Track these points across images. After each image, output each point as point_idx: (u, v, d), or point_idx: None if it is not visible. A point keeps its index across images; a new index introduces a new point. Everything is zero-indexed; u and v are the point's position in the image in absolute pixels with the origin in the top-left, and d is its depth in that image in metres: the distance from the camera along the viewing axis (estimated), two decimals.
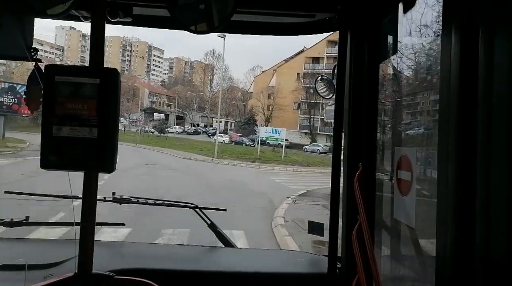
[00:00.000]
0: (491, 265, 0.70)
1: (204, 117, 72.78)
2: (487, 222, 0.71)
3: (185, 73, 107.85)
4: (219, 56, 71.70)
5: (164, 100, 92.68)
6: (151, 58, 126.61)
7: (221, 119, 70.65)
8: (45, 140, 1.05)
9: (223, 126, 67.86)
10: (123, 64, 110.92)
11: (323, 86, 1.66)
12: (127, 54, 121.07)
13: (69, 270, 1.13)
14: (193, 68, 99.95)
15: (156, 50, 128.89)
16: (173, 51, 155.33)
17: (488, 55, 0.71)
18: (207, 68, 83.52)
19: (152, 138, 43.92)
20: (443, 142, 0.83)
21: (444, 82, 0.83)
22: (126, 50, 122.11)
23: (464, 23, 0.78)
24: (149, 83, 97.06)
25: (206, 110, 72.59)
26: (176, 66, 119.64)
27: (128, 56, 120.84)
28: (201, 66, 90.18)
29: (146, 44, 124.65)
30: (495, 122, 0.70)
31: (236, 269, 1.67)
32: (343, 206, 1.54)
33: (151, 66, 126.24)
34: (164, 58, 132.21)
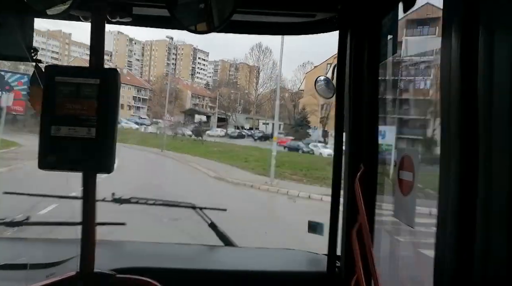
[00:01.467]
0: (491, 265, 0.70)
1: (250, 119, 64.58)
2: (487, 222, 0.71)
3: (230, 75, 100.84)
4: (266, 50, 62.84)
5: (207, 102, 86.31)
6: (196, 61, 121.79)
7: (268, 121, 62.29)
8: (43, 141, 1.06)
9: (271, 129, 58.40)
10: (168, 67, 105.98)
11: (323, 86, 1.64)
12: (172, 57, 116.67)
13: (71, 269, 1.14)
14: (238, 70, 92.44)
15: (201, 53, 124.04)
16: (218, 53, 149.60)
17: (488, 55, 0.71)
18: (252, 69, 75.54)
19: (185, 142, 35.49)
20: (444, 142, 0.83)
21: (444, 82, 0.82)
22: (171, 53, 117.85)
23: (464, 23, 0.78)
24: (192, 86, 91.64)
25: (251, 113, 68.45)
26: (221, 68, 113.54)
27: (174, 59, 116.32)
28: (247, 68, 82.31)
29: (191, 47, 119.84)
30: (496, 122, 0.70)
31: (236, 268, 1.71)
32: (344, 206, 1.54)
33: (196, 69, 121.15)
34: (209, 61, 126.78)
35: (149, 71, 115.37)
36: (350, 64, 1.49)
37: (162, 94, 59.07)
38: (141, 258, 1.73)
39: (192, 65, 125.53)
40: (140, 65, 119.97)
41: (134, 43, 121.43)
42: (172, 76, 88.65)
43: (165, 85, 70.77)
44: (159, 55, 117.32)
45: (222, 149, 29.31)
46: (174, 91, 74.63)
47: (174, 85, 76.49)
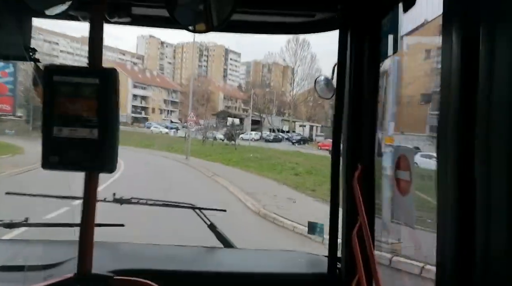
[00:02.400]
0: (491, 265, 0.70)
1: (285, 121, 59.48)
2: (487, 222, 0.71)
3: (263, 77, 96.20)
4: (303, 43, 57.32)
5: (240, 104, 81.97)
6: (228, 62, 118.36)
7: (305, 123, 56.83)
8: (46, 141, 1.06)
9: (308, 132, 52.50)
10: (200, 70, 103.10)
11: (323, 86, 1.64)
12: (204, 59, 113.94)
13: (69, 271, 1.13)
14: (271, 71, 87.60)
15: (233, 54, 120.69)
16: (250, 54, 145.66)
17: (489, 54, 0.71)
18: (285, 70, 70.75)
19: (216, 147, 30.38)
20: (442, 141, 0.83)
21: (444, 82, 0.83)
22: (202, 55, 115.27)
23: (464, 22, 0.78)
24: (224, 87, 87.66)
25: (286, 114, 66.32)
26: (253, 69, 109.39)
27: (205, 61, 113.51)
28: (279, 68, 77.38)
29: (222, 48, 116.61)
30: (496, 122, 0.69)
31: (236, 270, 1.69)
32: (343, 206, 1.55)
33: (228, 70, 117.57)
34: (241, 62, 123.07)
35: (180, 74, 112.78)
36: (350, 63, 1.50)
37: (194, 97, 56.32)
38: (139, 260, 1.73)
39: (224, 67, 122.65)
40: (172, 68, 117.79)
41: (166, 46, 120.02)
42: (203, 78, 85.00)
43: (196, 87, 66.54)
44: (191, 57, 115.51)
45: (259, 155, 24.02)
46: (206, 93, 71.53)
47: (206, 87, 72.88)
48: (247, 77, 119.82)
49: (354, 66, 1.48)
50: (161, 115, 75.84)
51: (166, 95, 76.09)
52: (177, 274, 1.58)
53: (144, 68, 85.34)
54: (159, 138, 40.77)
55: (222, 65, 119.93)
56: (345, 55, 1.49)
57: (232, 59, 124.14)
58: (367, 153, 1.48)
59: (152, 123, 59.91)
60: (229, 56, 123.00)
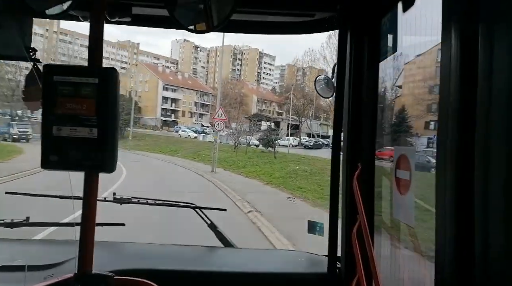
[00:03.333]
0: (491, 264, 0.71)
1: (324, 126, 53.00)
2: (486, 222, 0.72)
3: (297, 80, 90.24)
4: None
5: (274, 108, 76.20)
6: (262, 66, 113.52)
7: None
8: (45, 141, 1.06)
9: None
10: (233, 73, 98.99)
11: (323, 86, 1.66)
12: (238, 63, 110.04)
13: (69, 270, 1.12)
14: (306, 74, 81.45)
15: (267, 57, 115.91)
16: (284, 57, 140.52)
17: (488, 54, 0.72)
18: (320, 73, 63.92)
19: (251, 155, 24.12)
20: (442, 141, 0.84)
21: (444, 82, 0.84)
22: (236, 59, 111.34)
23: (464, 22, 0.79)
24: (258, 90, 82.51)
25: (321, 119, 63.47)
26: (288, 73, 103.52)
27: (239, 65, 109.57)
28: (315, 71, 70.59)
29: (257, 51, 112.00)
30: (495, 122, 0.71)
31: (236, 269, 1.69)
32: (343, 206, 1.56)
33: (261, 74, 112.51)
34: (276, 66, 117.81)
35: (213, 78, 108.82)
36: (350, 63, 1.50)
37: (226, 100, 55.68)
38: (140, 260, 1.72)
39: (258, 70, 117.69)
40: (206, 72, 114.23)
41: (200, 50, 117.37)
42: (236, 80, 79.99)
43: (229, 90, 60.87)
44: (224, 61, 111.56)
45: (307, 167, 17.55)
46: (239, 95, 66.51)
47: (239, 90, 67.78)
48: (281, 80, 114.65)
49: (354, 66, 1.49)
50: (192, 118, 71.89)
51: (197, 98, 71.74)
52: (177, 274, 1.59)
53: (176, 71, 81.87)
54: (187, 143, 35.71)
55: (256, 69, 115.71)
56: (345, 55, 1.51)
57: (266, 62, 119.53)
58: (367, 152, 1.48)
59: (180, 127, 55.50)
60: (263, 59, 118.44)
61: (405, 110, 1.58)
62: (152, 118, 62.47)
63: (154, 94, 65.38)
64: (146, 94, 65.44)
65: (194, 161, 25.07)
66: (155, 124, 59.26)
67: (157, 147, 35.63)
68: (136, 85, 67.51)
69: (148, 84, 66.71)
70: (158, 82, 66.24)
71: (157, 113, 64.89)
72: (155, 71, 67.86)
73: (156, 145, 37.28)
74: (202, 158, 25.01)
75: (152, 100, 64.82)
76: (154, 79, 66.34)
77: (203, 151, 27.79)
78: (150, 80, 66.57)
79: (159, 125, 59.59)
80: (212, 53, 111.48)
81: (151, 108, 64.21)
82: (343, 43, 1.49)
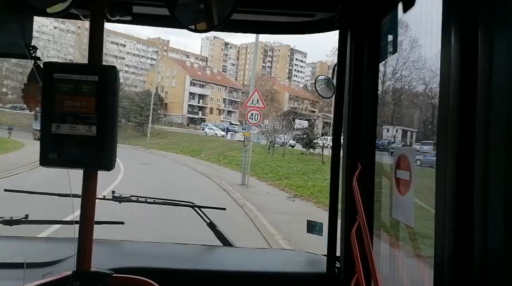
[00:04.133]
0: (490, 264, 0.72)
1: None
2: (485, 222, 0.72)
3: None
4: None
5: (307, 105, 70.53)
6: (293, 63, 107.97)
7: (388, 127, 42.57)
8: (44, 138, 1.05)
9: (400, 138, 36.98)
10: (263, 71, 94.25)
11: (323, 86, 1.65)
12: (268, 60, 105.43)
13: (68, 268, 1.13)
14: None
15: (299, 54, 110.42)
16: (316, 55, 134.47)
17: (488, 55, 0.72)
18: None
19: (289, 157, 18.43)
20: (442, 142, 0.84)
21: (444, 82, 0.84)
22: (267, 55, 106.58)
23: (464, 22, 0.80)
24: (290, 87, 76.96)
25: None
26: (319, 71, 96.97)
27: (269, 62, 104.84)
28: None
29: (288, 47, 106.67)
30: (494, 122, 0.71)
31: (235, 268, 1.69)
32: (342, 206, 1.55)
33: (293, 71, 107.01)
34: (307, 63, 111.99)
35: (243, 75, 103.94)
36: (350, 63, 1.50)
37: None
38: (139, 258, 1.72)
39: (289, 67, 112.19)
40: (235, 69, 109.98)
41: (230, 47, 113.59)
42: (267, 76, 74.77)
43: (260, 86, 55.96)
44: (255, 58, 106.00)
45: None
46: (270, 93, 61.36)
47: (270, 87, 62.38)
48: (312, 78, 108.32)
49: (354, 66, 1.49)
50: (220, 116, 67.67)
51: (226, 94, 67.16)
52: (176, 272, 1.58)
53: (205, 66, 77.89)
54: (212, 142, 30.90)
55: (287, 66, 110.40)
56: (345, 55, 1.50)
57: (298, 59, 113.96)
58: (366, 152, 1.48)
59: (207, 124, 51.08)
60: (295, 56, 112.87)
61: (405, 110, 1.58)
62: (178, 115, 58.92)
63: (181, 90, 61.90)
64: (173, 90, 62.19)
65: (218, 164, 20.17)
66: (181, 121, 55.31)
67: (179, 146, 31.06)
68: (163, 80, 63.95)
69: (175, 80, 63.28)
70: (186, 77, 62.95)
71: (184, 110, 62.38)
72: (183, 66, 64.32)
73: (178, 143, 32.85)
74: (229, 161, 20.03)
75: (179, 96, 61.36)
76: (182, 74, 62.78)
77: (230, 152, 22.86)
78: (177, 75, 63.27)
79: (185, 123, 55.62)
80: (242, 50, 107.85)
81: (178, 104, 60.91)
82: (343, 43, 1.49)
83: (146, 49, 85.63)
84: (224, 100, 69.58)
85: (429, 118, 1.54)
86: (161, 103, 51.08)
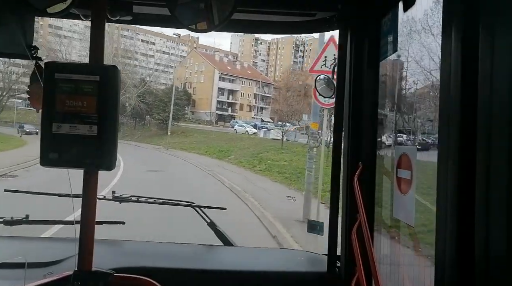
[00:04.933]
0: (491, 264, 0.71)
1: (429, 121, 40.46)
2: (486, 222, 0.72)
3: None
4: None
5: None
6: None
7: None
8: (45, 138, 1.05)
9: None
10: (295, 66, 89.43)
11: (323, 85, 1.65)
12: (300, 55, 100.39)
13: (69, 268, 1.13)
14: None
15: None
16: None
17: (488, 55, 0.72)
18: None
19: None
20: (443, 142, 0.84)
21: (444, 82, 0.84)
22: (298, 51, 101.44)
23: (464, 22, 0.79)
24: None
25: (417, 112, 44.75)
26: None
27: (301, 57, 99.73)
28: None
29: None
30: (495, 122, 0.71)
31: (235, 268, 1.67)
32: (343, 205, 1.54)
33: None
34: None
35: (274, 71, 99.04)
36: (350, 63, 1.50)
37: (289, 92, 46.41)
38: (140, 258, 1.70)
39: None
40: (266, 65, 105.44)
41: (260, 43, 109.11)
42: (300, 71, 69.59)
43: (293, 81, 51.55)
44: (285, 53, 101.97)
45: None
46: (303, 88, 55.61)
47: (303, 81, 57.29)
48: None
49: (354, 66, 1.49)
50: (251, 112, 63.34)
51: (257, 89, 62.37)
52: (177, 272, 1.56)
53: (234, 60, 73.68)
54: (243, 141, 26.27)
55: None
56: (345, 54, 1.52)
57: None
58: (367, 152, 1.48)
59: (236, 121, 46.53)
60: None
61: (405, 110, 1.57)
62: (207, 113, 55.19)
63: (209, 85, 58.37)
64: (201, 85, 58.77)
65: (253, 171, 15.36)
66: (209, 118, 51.29)
67: (204, 146, 26.46)
68: (191, 76, 60.30)
69: (203, 75, 59.65)
70: (214, 72, 59.60)
71: (212, 106, 59.55)
72: (212, 60, 60.48)
73: (204, 142, 28.46)
74: (268, 167, 15.00)
75: (207, 92, 57.85)
76: (210, 69, 59.20)
77: (266, 153, 18.13)
78: (206, 70, 59.91)
79: (214, 120, 51.56)
80: (272, 46, 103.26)
81: (206, 101, 57.54)
82: (343, 43, 1.51)
83: (176, 47, 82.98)
84: (255, 96, 65.41)
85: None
86: (188, 99, 47.30)
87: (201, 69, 62.88)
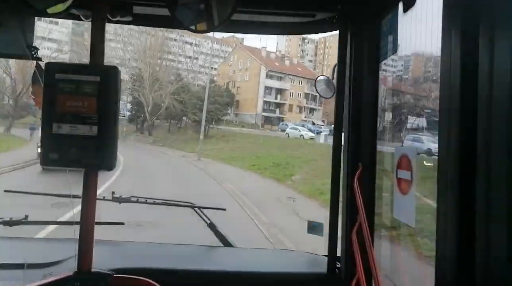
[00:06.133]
0: (491, 265, 0.72)
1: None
2: (487, 222, 0.72)
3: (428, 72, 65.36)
4: None
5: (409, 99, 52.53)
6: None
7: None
8: (45, 138, 1.06)
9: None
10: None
11: (323, 86, 1.64)
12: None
13: (69, 269, 1.14)
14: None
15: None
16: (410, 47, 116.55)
17: (488, 54, 0.73)
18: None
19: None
20: (443, 142, 0.85)
21: (444, 82, 0.85)
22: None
23: (464, 22, 0.80)
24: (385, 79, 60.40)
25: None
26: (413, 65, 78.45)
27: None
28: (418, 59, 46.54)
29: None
30: (496, 122, 0.71)
31: (235, 269, 1.66)
32: (343, 206, 1.56)
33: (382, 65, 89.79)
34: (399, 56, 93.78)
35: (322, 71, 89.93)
36: (350, 63, 1.51)
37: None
38: (139, 258, 1.71)
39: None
40: (313, 66, 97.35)
41: (307, 42, 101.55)
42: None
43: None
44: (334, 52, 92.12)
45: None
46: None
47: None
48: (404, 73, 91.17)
49: (354, 66, 1.50)
50: (301, 114, 55.73)
51: (308, 88, 54.57)
52: (176, 273, 1.57)
53: (283, 56, 66.34)
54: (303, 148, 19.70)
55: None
56: (345, 55, 1.52)
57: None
58: (367, 152, 1.48)
59: (287, 123, 38.99)
60: None
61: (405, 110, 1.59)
62: (252, 115, 48.74)
63: (255, 83, 52.22)
64: (245, 84, 52.73)
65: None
66: (255, 121, 44.50)
67: (251, 155, 18.93)
68: (235, 74, 54.07)
69: (248, 72, 53.59)
70: (261, 69, 53.80)
71: (258, 107, 53.68)
72: (258, 56, 53.61)
73: (250, 150, 21.14)
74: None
75: (253, 91, 51.85)
76: (256, 66, 53.13)
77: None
78: (251, 67, 54.02)
79: (260, 123, 44.64)
80: (320, 45, 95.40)
81: (251, 101, 51.59)
82: (343, 43, 1.52)
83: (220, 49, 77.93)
84: (306, 96, 57.65)
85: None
86: (231, 100, 41.03)
87: (246, 66, 57.71)
